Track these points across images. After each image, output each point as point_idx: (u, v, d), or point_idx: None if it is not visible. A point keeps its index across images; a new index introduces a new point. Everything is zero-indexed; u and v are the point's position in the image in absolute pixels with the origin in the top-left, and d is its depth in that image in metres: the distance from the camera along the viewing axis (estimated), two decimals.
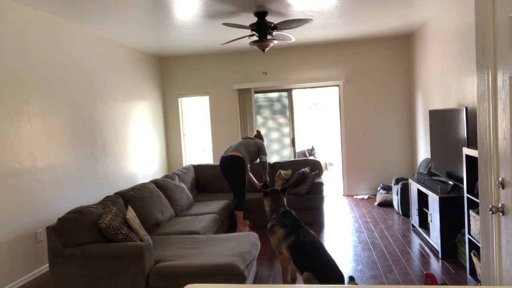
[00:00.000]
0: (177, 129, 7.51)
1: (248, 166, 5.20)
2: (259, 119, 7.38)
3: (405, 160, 6.93)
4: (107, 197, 3.58)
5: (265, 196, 3.41)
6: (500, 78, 1.84)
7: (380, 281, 3.43)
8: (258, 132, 5.54)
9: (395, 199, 5.77)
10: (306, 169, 5.44)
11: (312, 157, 8.20)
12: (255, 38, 5.74)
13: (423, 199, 4.50)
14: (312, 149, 9.37)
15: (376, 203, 6.33)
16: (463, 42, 4.32)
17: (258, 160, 5.27)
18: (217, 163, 6.22)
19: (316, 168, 5.82)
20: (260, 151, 5.18)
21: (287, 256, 3.02)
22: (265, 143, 5.79)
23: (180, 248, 3.27)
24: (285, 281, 3.13)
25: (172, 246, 3.35)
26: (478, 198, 2.68)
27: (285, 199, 3.40)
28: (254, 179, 5.53)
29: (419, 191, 4.51)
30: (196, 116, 7.66)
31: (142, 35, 5.50)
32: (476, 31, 2.04)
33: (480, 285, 2.97)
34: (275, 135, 7.36)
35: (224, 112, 7.35)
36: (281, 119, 7.34)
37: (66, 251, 2.95)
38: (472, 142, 3.73)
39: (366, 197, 6.81)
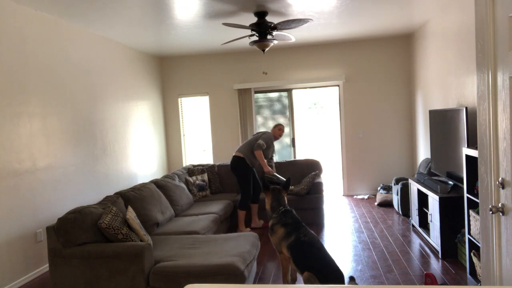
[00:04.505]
0: (177, 129, 7.51)
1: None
2: (259, 119, 7.38)
3: (405, 160, 6.93)
4: (107, 197, 3.58)
5: (266, 192, 3.38)
6: (500, 78, 1.84)
7: (380, 281, 3.43)
8: (277, 125, 5.20)
9: (395, 199, 5.77)
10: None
11: None
12: (255, 38, 5.74)
13: (423, 199, 4.50)
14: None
15: (376, 203, 6.33)
16: (463, 42, 4.32)
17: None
18: (218, 163, 6.23)
19: (316, 168, 5.82)
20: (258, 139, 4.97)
21: (287, 256, 3.02)
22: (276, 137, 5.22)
23: (180, 248, 3.27)
24: (285, 281, 3.13)
25: (172, 246, 3.35)
26: (478, 198, 2.68)
27: (285, 198, 3.38)
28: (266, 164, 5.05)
29: (419, 191, 4.51)
30: (196, 116, 7.66)
31: (142, 35, 5.50)
32: (476, 31, 2.04)
33: (480, 285, 2.97)
34: None
35: (224, 112, 7.35)
36: (281, 119, 7.34)
37: (66, 251, 2.95)
38: (472, 142, 3.73)
39: (366, 197, 6.81)
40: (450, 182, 4.03)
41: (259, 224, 5.25)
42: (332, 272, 2.75)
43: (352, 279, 3.05)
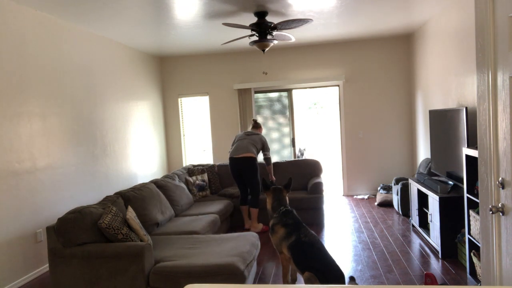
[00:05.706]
0: (177, 129, 7.51)
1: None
2: (259, 119, 7.37)
3: (405, 160, 6.93)
4: (107, 197, 3.58)
5: (267, 192, 3.37)
6: (500, 78, 1.84)
7: (380, 281, 3.43)
8: (255, 121, 5.41)
9: (395, 199, 5.77)
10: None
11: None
12: (255, 38, 5.74)
13: (423, 199, 4.50)
14: (300, 151, 9.14)
15: (376, 203, 6.33)
16: (463, 42, 4.32)
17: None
18: (218, 163, 6.23)
19: (316, 168, 5.82)
20: (264, 147, 5.18)
21: (288, 256, 3.02)
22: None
23: (180, 248, 3.27)
24: (285, 281, 3.13)
25: (172, 246, 3.35)
26: (478, 198, 2.68)
27: (287, 198, 3.37)
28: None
29: (419, 191, 4.51)
30: (196, 116, 7.66)
31: (142, 35, 5.50)
32: (476, 31, 2.04)
33: (480, 285, 2.97)
34: (275, 135, 7.36)
35: (224, 112, 7.35)
36: (281, 119, 7.34)
37: (66, 251, 2.95)
38: (472, 142, 3.73)
39: (366, 197, 6.81)
40: (450, 182, 4.04)
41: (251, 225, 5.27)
42: (332, 272, 2.75)
43: (352, 279, 3.05)
